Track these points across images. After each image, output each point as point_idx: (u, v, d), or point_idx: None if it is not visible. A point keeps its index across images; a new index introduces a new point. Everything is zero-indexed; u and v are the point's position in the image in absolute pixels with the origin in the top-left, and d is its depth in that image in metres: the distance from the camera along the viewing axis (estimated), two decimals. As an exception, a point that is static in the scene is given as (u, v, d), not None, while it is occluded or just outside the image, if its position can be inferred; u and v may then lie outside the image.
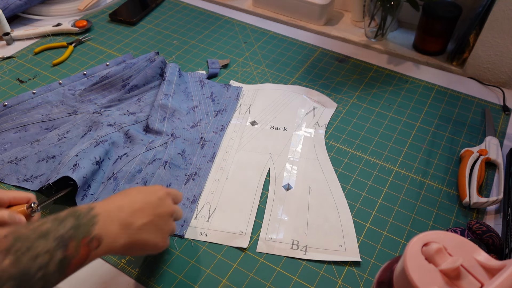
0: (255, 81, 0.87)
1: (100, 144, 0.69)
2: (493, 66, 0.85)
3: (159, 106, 0.77)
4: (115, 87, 0.84)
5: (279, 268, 0.58)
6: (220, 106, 0.81)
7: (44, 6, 1.06)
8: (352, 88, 0.86)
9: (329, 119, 0.79)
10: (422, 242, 0.35)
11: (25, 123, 0.77)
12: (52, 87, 0.83)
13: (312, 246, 0.60)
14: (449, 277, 0.33)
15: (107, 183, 0.66)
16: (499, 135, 0.76)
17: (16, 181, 0.68)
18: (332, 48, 0.96)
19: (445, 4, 0.88)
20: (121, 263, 0.58)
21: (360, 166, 0.71)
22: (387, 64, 0.91)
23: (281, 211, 0.64)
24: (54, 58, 0.93)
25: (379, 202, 0.66)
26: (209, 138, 0.75)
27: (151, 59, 0.88)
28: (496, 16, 0.78)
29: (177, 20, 1.06)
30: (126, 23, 1.05)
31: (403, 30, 1.01)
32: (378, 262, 0.58)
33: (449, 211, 0.64)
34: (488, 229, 0.57)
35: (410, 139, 0.75)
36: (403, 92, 0.85)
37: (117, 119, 0.76)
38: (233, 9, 1.11)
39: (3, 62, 0.92)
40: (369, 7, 0.92)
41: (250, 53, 0.95)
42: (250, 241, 0.61)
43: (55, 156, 0.71)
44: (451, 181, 0.68)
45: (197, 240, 0.61)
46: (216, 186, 0.68)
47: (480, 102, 0.82)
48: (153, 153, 0.70)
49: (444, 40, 0.91)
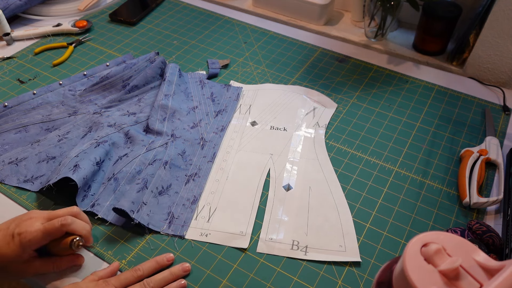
0: (255, 81, 0.88)
1: (101, 145, 0.69)
2: (493, 66, 0.85)
3: (159, 106, 0.77)
4: (115, 87, 0.84)
5: (279, 268, 0.58)
6: (220, 107, 0.81)
7: (44, 6, 1.06)
8: (352, 88, 0.86)
9: (329, 119, 0.79)
10: (421, 242, 0.35)
11: (26, 124, 0.77)
12: (53, 87, 0.83)
13: (312, 247, 0.60)
14: (448, 278, 0.33)
15: (107, 183, 0.67)
16: (499, 135, 0.76)
17: (16, 182, 0.68)
18: (332, 48, 0.96)
19: (445, 4, 0.88)
20: (121, 264, 0.58)
21: (360, 166, 0.71)
22: (387, 64, 0.91)
23: (281, 211, 0.64)
24: (54, 58, 0.93)
25: (379, 202, 0.66)
26: (209, 139, 0.75)
27: (151, 59, 0.88)
28: (496, 16, 0.78)
29: (177, 20, 1.06)
30: (126, 23, 1.05)
31: (403, 30, 1.01)
32: (378, 262, 0.59)
33: (449, 211, 0.64)
34: (488, 229, 0.57)
35: (410, 139, 0.75)
36: (403, 92, 0.85)
37: (117, 120, 0.77)
38: (233, 9, 1.11)
39: (3, 62, 0.93)
40: (369, 7, 0.92)
41: (250, 53, 0.95)
42: (250, 242, 0.61)
43: (55, 156, 0.71)
44: (451, 181, 0.68)
45: (197, 240, 0.61)
46: (216, 186, 0.68)
47: (480, 102, 0.82)
48: (153, 153, 0.70)
49: (444, 40, 0.91)
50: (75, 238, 0.55)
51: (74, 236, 0.55)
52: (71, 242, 0.55)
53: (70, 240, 0.55)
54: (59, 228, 0.53)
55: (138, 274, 0.55)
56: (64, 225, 0.53)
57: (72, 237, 0.55)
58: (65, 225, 0.53)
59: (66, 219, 0.54)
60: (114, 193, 0.65)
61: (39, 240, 0.53)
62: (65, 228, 0.54)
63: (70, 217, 0.54)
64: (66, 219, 0.54)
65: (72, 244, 0.55)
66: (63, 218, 0.54)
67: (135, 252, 0.60)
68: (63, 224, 0.53)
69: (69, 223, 0.54)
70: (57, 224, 0.53)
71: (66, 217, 0.54)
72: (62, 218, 0.54)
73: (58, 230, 0.53)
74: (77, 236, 0.55)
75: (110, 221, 0.63)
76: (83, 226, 0.56)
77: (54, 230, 0.53)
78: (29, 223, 0.53)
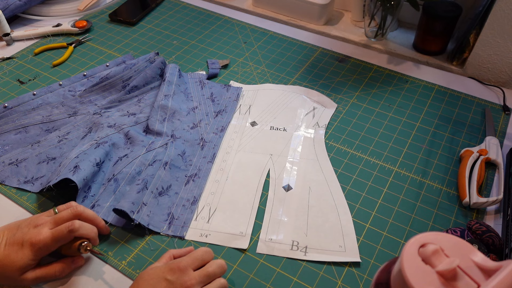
0: (255, 81, 0.88)
1: (101, 146, 0.69)
2: (493, 66, 0.84)
3: (159, 107, 0.77)
4: (115, 88, 0.84)
5: (279, 269, 0.58)
6: (220, 107, 0.81)
7: (44, 6, 1.06)
8: (352, 88, 0.86)
9: (329, 120, 0.79)
10: (419, 243, 0.35)
11: (26, 125, 0.77)
12: (52, 88, 0.83)
13: (312, 247, 0.60)
14: (445, 278, 0.33)
15: (107, 184, 0.67)
16: (499, 135, 0.76)
17: (17, 183, 0.68)
18: (332, 48, 0.96)
19: (445, 4, 0.88)
20: (121, 265, 0.58)
21: (360, 166, 0.71)
22: (387, 64, 0.91)
23: (281, 212, 0.64)
24: (54, 58, 0.93)
25: (379, 202, 0.66)
26: (209, 139, 0.75)
27: (151, 59, 0.88)
28: (496, 16, 0.78)
29: (177, 20, 1.06)
30: (126, 23, 1.05)
31: (403, 30, 1.01)
32: (378, 263, 0.59)
33: (449, 211, 0.64)
34: (488, 229, 0.57)
35: (410, 139, 0.75)
36: (403, 92, 0.85)
37: (117, 120, 0.77)
38: (233, 9, 1.11)
39: (3, 63, 0.93)
40: (369, 7, 0.92)
41: (250, 53, 0.95)
42: (250, 242, 0.61)
43: (55, 157, 0.71)
44: (451, 181, 0.68)
45: (198, 241, 0.61)
46: (216, 187, 0.68)
47: (480, 102, 0.82)
48: (153, 154, 0.70)
49: (444, 40, 0.91)
50: (83, 242, 0.55)
51: (82, 240, 0.56)
52: (79, 246, 0.55)
53: (78, 244, 0.55)
54: (67, 234, 0.54)
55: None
56: (72, 231, 0.54)
57: (80, 241, 0.55)
58: (73, 231, 0.54)
59: (73, 225, 0.54)
60: (114, 194, 0.66)
61: (49, 247, 0.54)
62: (73, 233, 0.54)
63: (78, 222, 0.55)
64: (73, 225, 0.54)
65: (81, 247, 0.55)
66: (71, 223, 0.54)
67: (135, 253, 0.60)
68: (71, 230, 0.54)
69: (76, 229, 0.54)
70: (65, 230, 0.53)
71: (74, 222, 0.54)
72: (70, 224, 0.54)
73: (66, 236, 0.54)
74: (85, 240, 0.56)
75: (110, 222, 0.63)
76: (91, 229, 0.56)
77: (63, 236, 0.54)
78: (37, 231, 0.54)
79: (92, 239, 0.57)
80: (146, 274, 0.51)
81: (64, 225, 0.54)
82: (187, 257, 0.53)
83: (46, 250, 0.54)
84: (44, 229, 0.54)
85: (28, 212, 0.65)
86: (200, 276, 0.51)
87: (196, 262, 0.53)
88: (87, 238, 0.56)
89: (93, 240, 0.57)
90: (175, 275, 0.50)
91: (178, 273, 0.50)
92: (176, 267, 0.51)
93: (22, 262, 0.52)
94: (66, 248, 0.56)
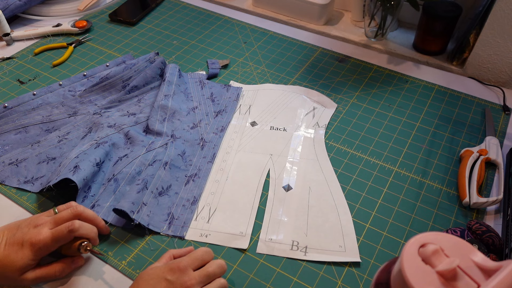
0: (255, 81, 0.88)
1: (101, 146, 0.69)
2: (493, 65, 0.84)
3: (159, 107, 0.77)
4: (115, 88, 0.84)
5: (279, 269, 0.58)
6: (220, 107, 0.81)
7: (44, 6, 1.06)
8: (352, 88, 0.86)
9: (329, 120, 0.79)
10: (418, 243, 0.35)
11: (26, 125, 0.77)
12: (52, 88, 0.83)
13: (312, 247, 0.60)
14: (445, 278, 0.33)
15: (107, 184, 0.67)
16: (499, 135, 0.76)
17: (17, 183, 0.68)
18: (332, 48, 0.96)
19: (445, 4, 0.88)
20: (121, 265, 0.58)
21: (360, 166, 0.71)
22: (387, 64, 0.91)
23: (281, 212, 0.64)
24: (54, 58, 0.93)
25: (379, 202, 0.66)
26: (209, 139, 0.75)
27: (151, 59, 0.88)
28: (496, 16, 0.78)
29: (177, 20, 1.06)
30: (126, 23, 1.05)
31: (403, 30, 1.01)
32: (378, 263, 0.59)
33: (449, 211, 0.64)
34: (488, 229, 0.57)
35: (410, 139, 0.75)
36: (403, 92, 0.85)
37: (117, 120, 0.77)
38: (233, 9, 1.11)
39: (3, 63, 0.93)
40: (369, 7, 0.92)
41: (250, 53, 0.95)
42: (250, 242, 0.61)
43: (55, 157, 0.71)
44: (451, 181, 0.68)
45: (198, 241, 0.61)
46: (216, 187, 0.68)
47: (480, 102, 0.82)
48: (153, 154, 0.70)
49: (444, 40, 0.91)
50: (83, 242, 0.55)
51: (82, 240, 0.56)
52: (79, 246, 0.55)
53: (78, 244, 0.55)
54: (67, 234, 0.54)
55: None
56: (72, 231, 0.54)
57: (80, 241, 0.55)
58: (73, 231, 0.54)
59: (73, 225, 0.54)
60: (114, 194, 0.66)
61: (49, 247, 0.54)
62: (73, 233, 0.54)
63: (78, 222, 0.55)
64: (73, 225, 0.54)
65: (81, 247, 0.55)
66: (71, 223, 0.54)
67: (135, 253, 0.60)
68: (71, 230, 0.54)
69: (76, 229, 0.54)
70: (65, 230, 0.53)
71: (74, 222, 0.54)
72: (70, 224, 0.54)
73: (66, 236, 0.54)
74: (85, 240, 0.56)
75: (110, 222, 0.63)
76: (91, 229, 0.56)
77: (63, 236, 0.54)
78: (37, 231, 0.54)
79: (92, 239, 0.57)
80: (146, 274, 0.51)
81: (64, 225, 0.54)
82: (187, 257, 0.53)
83: (46, 250, 0.54)
84: (44, 229, 0.54)
85: (28, 212, 0.65)
86: (200, 276, 0.51)
87: (196, 262, 0.53)
88: (87, 238, 0.56)
89: (93, 240, 0.57)
90: (175, 275, 0.50)
91: (178, 273, 0.50)
92: (176, 267, 0.51)
93: (22, 262, 0.52)
94: (66, 248, 0.56)
